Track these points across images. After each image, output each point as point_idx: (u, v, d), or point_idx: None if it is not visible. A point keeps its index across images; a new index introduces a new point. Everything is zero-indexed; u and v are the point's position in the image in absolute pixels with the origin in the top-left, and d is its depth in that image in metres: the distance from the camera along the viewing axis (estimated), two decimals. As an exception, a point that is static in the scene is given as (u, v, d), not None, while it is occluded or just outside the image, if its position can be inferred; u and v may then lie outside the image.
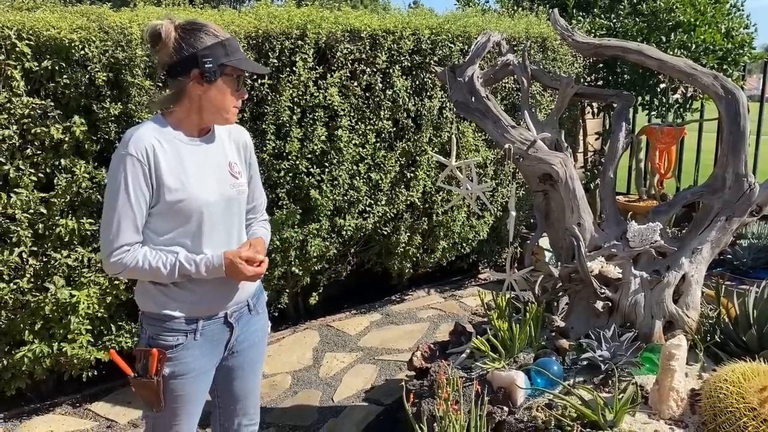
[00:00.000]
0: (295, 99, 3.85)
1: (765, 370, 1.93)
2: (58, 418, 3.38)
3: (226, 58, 1.80)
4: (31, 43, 3.00)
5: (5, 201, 3.04)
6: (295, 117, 3.87)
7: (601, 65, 5.64)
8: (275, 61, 3.76)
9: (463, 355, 2.64)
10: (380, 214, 4.41)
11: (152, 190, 1.79)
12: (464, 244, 5.07)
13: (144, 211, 1.80)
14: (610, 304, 2.58)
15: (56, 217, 3.16)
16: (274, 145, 3.83)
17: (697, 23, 5.03)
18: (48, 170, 3.15)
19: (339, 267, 4.50)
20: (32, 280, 3.14)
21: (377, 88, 4.20)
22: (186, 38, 1.80)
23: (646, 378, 2.28)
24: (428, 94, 4.46)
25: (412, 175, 4.53)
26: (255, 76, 3.73)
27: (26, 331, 3.16)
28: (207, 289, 1.90)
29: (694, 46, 5.03)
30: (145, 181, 1.77)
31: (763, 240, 4.25)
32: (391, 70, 4.24)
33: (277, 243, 3.90)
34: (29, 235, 3.10)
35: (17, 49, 2.96)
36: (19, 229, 3.06)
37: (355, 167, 4.21)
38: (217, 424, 2.18)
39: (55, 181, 3.15)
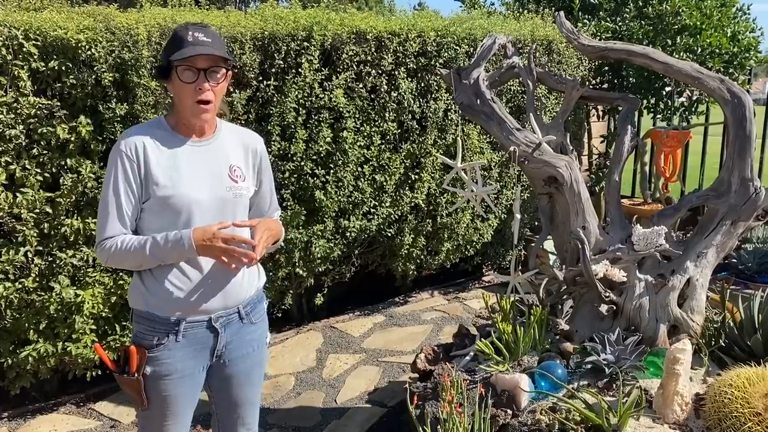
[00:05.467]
0: (301, 100, 3.86)
1: (770, 375, 1.92)
2: (62, 418, 3.39)
3: (174, 52, 1.80)
4: (38, 43, 3.01)
5: (11, 200, 3.05)
6: (300, 118, 3.88)
7: (606, 68, 5.63)
8: (281, 62, 3.77)
9: (467, 357, 2.63)
10: (385, 215, 4.41)
11: (141, 185, 1.84)
12: (468, 247, 5.06)
13: (133, 204, 1.85)
14: (615, 308, 2.57)
15: (62, 217, 3.17)
16: (279, 146, 3.84)
17: (703, 27, 5.02)
18: (54, 170, 3.17)
19: (343, 268, 4.50)
20: (37, 279, 3.15)
21: (382, 90, 4.20)
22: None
23: (651, 382, 2.27)
24: (433, 96, 4.46)
25: (416, 176, 4.53)
26: (261, 78, 3.74)
27: (31, 331, 3.17)
28: (191, 290, 1.89)
29: (700, 50, 5.02)
30: (134, 176, 1.84)
31: (768, 244, 4.24)
32: (396, 72, 4.24)
33: (282, 244, 3.89)
34: (35, 235, 3.11)
35: (24, 49, 2.97)
36: (24, 228, 3.07)
37: (359, 169, 4.21)
38: (216, 430, 2.19)
39: (60, 180, 3.17)
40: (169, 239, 1.81)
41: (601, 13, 5.68)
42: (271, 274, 3.98)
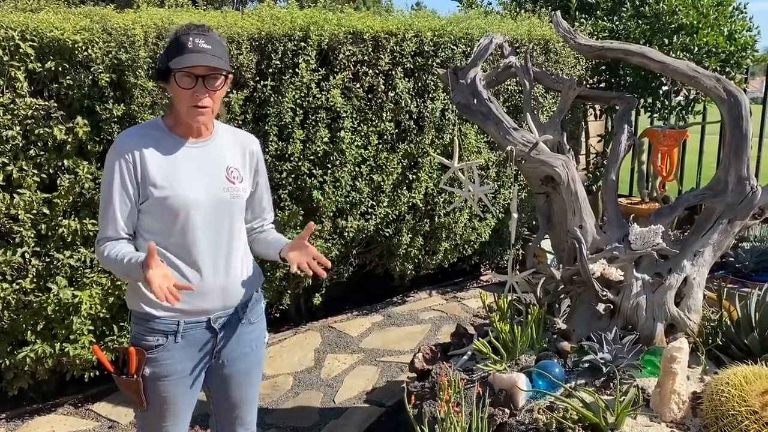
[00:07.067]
0: (298, 101, 3.86)
1: (767, 374, 1.93)
2: (60, 419, 3.39)
3: (173, 57, 1.80)
4: (35, 44, 3.01)
5: (8, 201, 3.05)
6: (297, 119, 3.87)
7: (603, 67, 5.63)
8: (278, 62, 3.76)
9: (465, 356, 2.63)
10: (382, 215, 4.42)
11: (137, 186, 1.84)
12: (466, 246, 5.07)
13: (129, 207, 1.85)
14: (612, 307, 2.58)
15: (59, 218, 3.17)
16: (276, 146, 3.84)
17: (700, 26, 5.03)
18: (51, 171, 3.16)
19: (341, 268, 4.50)
20: (35, 280, 3.15)
21: (380, 89, 4.20)
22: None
23: (648, 381, 2.28)
24: (430, 96, 4.46)
25: (414, 176, 4.53)
26: (258, 78, 3.74)
27: (28, 332, 3.16)
28: (188, 291, 1.88)
29: (696, 49, 5.03)
30: (130, 178, 1.83)
31: (765, 243, 4.25)
32: (393, 72, 4.24)
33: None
34: (32, 236, 3.11)
35: (21, 50, 2.97)
36: (22, 229, 3.07)
37: (357, 169, 4.21)
38: (214, 430, 2.19)
39: (58, 181, 3.16)
40: (131, 263, 1.76)
41: (598, 12, 5.69)
42: (269, 274, 3.98)
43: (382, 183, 4.35)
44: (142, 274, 1.71)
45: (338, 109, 4.00)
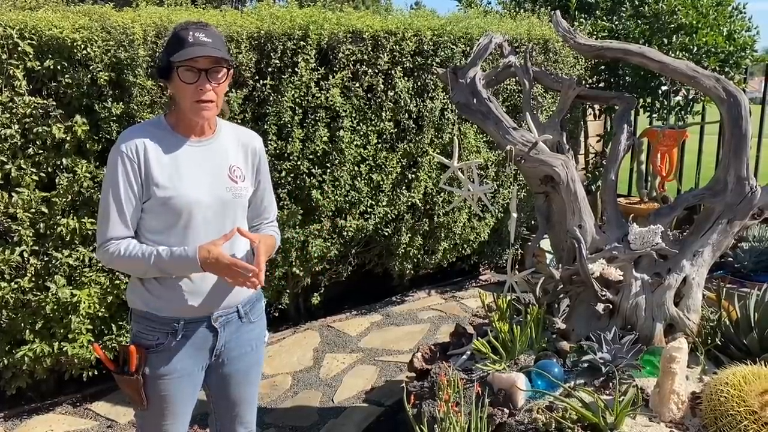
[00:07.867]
0: (297, 100, 3.85)
1: (766, 374, 1.93)
2: (59, 418, 3.38)
3: (175, 52, 1.79)
4: (33, 42, 3.00)
5: (7, 200, 3.04)
6: (296, 118, 3.87)
7: (602, 67, 5.63)
8: (277, 61, 3.76)
9: (464, 356, 2.63)
10: (381, 215, 4.41)
11: (141, 185, 1.83)
12: (465, 246, 5.06)
13: (134, 205, 1.84)
14: (611, 307, 2.58)
15: (57, 217, 3.16)
16: (275, 145, 3.83)
17: (699, 26, 5.03)
18: (49, 170, 3.16)
19: (340, 268, 4.50)
20: (33, 279, 3.15)
21: (379, 89, 4.20)
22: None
23: (647, 381, 2.28)
24: (430, 95, 4.46)
25: (413, 176, 4.53)
26: (257, 77, 3.74)
27: (27, 331, 3.16)
28: (191, 290, 1.89)
29: (696, 49, 5.03)
30: (135, 177, 1.82)
31: (764, 243, 4.25)
32: (392, 72, 4.24)
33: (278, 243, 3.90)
34: (30, 235, 3.10)
35: (19, 48, 2.97)
36: (20, 228, 3.07)
37: (356, 168, 4.21)
38: (214, 429, 2.18)
39: (56, 180, 3.16)
40: (174, 255, 1.80)
41: (597, 12, 5.69)
42: (268, 273, 3.98)
43: (381, 182, 4.34)
44: (198, 262, 1.78)
45: (337, 108, 4.00)
